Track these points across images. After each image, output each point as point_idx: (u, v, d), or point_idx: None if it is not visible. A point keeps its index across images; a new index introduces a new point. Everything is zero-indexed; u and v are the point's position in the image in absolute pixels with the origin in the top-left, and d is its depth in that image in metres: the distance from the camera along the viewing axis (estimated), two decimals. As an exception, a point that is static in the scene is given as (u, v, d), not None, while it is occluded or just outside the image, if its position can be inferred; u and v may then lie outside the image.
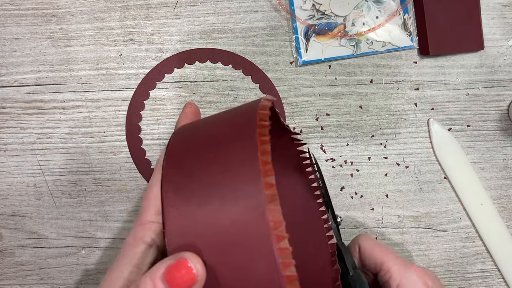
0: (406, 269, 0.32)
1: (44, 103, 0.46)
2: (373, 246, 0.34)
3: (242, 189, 0.22)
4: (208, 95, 0.46)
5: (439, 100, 0.47)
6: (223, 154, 0.24)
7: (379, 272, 0.33)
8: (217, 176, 0.23)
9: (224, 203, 0.23)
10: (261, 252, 0.21)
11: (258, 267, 0.21)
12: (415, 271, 0.32)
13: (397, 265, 0.32)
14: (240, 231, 0.22)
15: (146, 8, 0.46)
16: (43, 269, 0.46)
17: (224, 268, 0.22)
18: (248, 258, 0.22)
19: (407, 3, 0.46)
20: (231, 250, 0.22)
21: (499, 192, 0.48)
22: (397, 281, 0.32)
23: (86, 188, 0.46)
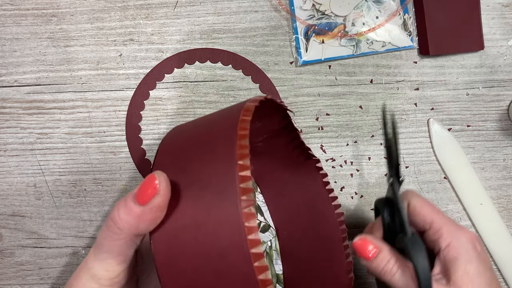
0: (456, 230, 0.32)
1: (44, 103, 0.46)
2: (423, 204, 0.34)
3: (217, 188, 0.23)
4: (208, 95, 0.46)
5: (439, 100, 0.47)
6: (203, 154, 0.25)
7: (427, 230, 0.33)
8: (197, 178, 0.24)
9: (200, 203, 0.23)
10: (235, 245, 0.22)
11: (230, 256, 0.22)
12: (465, 234, 0.32)
13: (447, 225, 0.32)
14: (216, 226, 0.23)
15: (146, 8, 0.46)
16: (43, 269, 0.46)
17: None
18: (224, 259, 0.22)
19: (407, 3, 0.46)
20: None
21: (499, 192, 0.48)
22: (447, 241, 0.31)
23: (86, 188, 0.46)
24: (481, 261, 0.31)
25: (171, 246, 0.24)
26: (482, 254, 0.32)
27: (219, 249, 0.22)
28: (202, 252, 0.23)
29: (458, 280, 0.30)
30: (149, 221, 0.24)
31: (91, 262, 0.27)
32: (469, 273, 0.30)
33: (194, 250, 0.23)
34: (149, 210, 0.24)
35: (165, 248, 0.24)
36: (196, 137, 0.27)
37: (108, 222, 0.26)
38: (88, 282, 0.27)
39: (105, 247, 0.26)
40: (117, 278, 0.27)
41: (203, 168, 0.24)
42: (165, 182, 0.24)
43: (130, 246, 0.26)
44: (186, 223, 0.24)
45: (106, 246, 0.26)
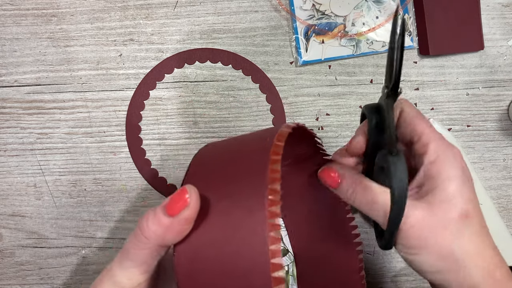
0: (445, 147, 0.30)
1: (44, 103, 0.46)
2: (417, 114, 0.31)
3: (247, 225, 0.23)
4: (208, 95, 0.46)
5: (439, 100, 0.47)
6: (232, 187, 0.25)
7: (414, 143, 0.31)
8: (227, 207, 0.24)
9: (229, 233, 0.24)
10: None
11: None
12: (452, 150, 0.30)
13: (436, 140, 0.30)
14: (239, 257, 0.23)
15: (146, 8, 0.46)
16: (43, 269, 0.46)
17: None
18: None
19: (407, 3, 0.46)
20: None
21: (499, 192, 0.48)
22: (432, 157, 0.29)
23: (86, 188, 0.46)
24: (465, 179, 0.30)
25: (193, 260, 0.24)
26: (467, 172, 0.30)
27: (241, 269, 0.23)
28: (223, 269, 0.23)
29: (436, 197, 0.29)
30: (176, 232, 0.25)
31: (115, 269, 0.27)
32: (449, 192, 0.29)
33: (216, 266, 0.23)
34: (177, 222, 0.25)
35: (187, 262, 0.25)
36: (229, 155, 0.27)
37: (136, 231, 0.26)
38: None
39: (130, 255, 0.27)
40: (139, 287, 0.27)
41: (234, 187, 0.25)
42: (196, 196, 0.25)
43: (154, 257, 0.27)
44: (211, 239, 0.24)
45: (131, 254, 0.27)
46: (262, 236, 0.22)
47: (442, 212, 0.28)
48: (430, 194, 0.29)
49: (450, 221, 0.28)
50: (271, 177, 0.23)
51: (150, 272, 0.28)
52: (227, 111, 0.46)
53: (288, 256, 0.39)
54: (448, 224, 0.28)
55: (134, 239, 0.26)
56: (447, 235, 0.28)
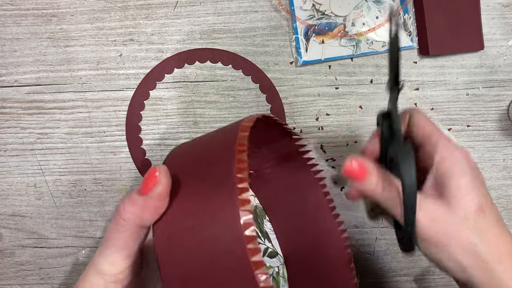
0: (452, 147, 0.31)
1: (44, 103, 0.46)
2: (425, 118, 0.33)
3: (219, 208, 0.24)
4: (208, 95, 0.46)
5: (439, 100, 0.47)
6: (204, 173, 0.26)
7: (425, 145, 0.32)
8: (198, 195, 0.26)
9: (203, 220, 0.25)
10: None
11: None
12: (460, 149, 0.31)
13: (445, 140, 0.31)
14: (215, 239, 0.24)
15: (146, 8, 0.46)
16: (43, 269, 0.46)
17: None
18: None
19: (407, 3, 0.46)
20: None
21: (499, 192, 0.48)
22: (442, 154, 0.31)
23: (86, 188, 0.46)
24: (475, 175, 0.30)
25: (171, 236, 0.25)
26: (476, 169, 0.31)
27: (214, 235, 0.23)
28: (198, 239, 0.24)
29: (450, 193, 0.29)
30: (152, 210, 0.26)
31: (97, 258, 0.28)
32: (462, 187, 0.29)
33: (193, 239, 0.24)
34: (151, 199, 0.26)
35: (165, 238, 0.25)
36: (200, 147, 0.29)
37: (114, 216, 0.27)
38: (94, 278, 0.27)
39: (111, 241, 0.27)
40: (122, 274, 0.28)
41: (203, 170, 0.26)
42: (165, 173, 0.26)
43: (135, 239, 0.27)
44: (185, 215, 0.25)
45: (112, 239, 0.27)
46: (232, 199, 0.23)
47: (460, 208, 0.29)
48: (446, 191, 0.30)
49: (468, 216, 0.29)
50: (238, 149, 0.24)
51: (132, 257, 0.28)
52: (227, 111, 0.46)
53: (278, 258, 0.39)
54: (467, 219, 0.29)
55: (114, 224, 0.27)
56: (467, 230, 0.29)
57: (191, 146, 0.30)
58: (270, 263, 0.38)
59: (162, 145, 0.46)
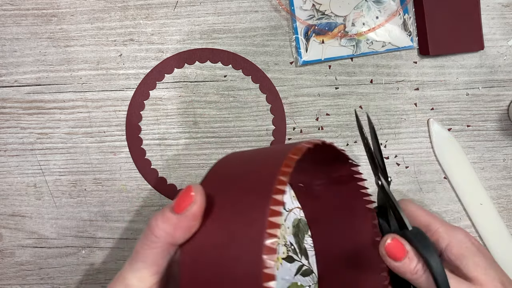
0: (452, 230, 0.33)
1: (44, 103, 0.46)
2: (417, 209, 0.35)
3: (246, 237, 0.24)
4: (208, 95, 0.46)
5: (439, 100, 0.47)
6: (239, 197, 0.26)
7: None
8: (230, 217, 0.25)
9: (230, 244, 0.25)
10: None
11: None
12: (461, 232, 0.33)
13: (444, 226, 0.33)
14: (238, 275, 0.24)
15: (146, 8, 0.46)
16: (43, 269, 0.46)
17: None
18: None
19: (407, 3, 0.46)
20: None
21: (499, 192, 0.48)
22: (446, 241, 0.33)
23: (86, 188, 0.46)
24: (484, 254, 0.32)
25: (196, 260, 0.25)
26: (481, 248, 0.33)
27: (237, 274, 0.23)
28: (222, 272, 0.24)
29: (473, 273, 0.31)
30: (184, 229, 0.26)
31: (125, 273, 0.28)
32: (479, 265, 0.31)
33: (216, 268, 0.24)
34: (184, 218, 0.26)
35: (191, 261, 0.25)
36: (244, 166, 0.29)
37: (145, 231, 0.27)
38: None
39: (140, 256, 0.27)
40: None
41: (240, 195, 0.26)
42: (201, 193, 0.26)
43: (164, 257, 0.27)
44: (214, 241, 0.25)
45: (141, 255, 0.27)
46: (259, 245, 0.23)
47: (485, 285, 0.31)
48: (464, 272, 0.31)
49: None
50: (276, 188, 0.24)
51: (160, 274, 0.28)
52: (227, 111, 0.46)
53: (312, 277, 0.39)
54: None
55: (145, 239, 0.27)
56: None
57: (234, 164, 0.30)
58: (302, 281, 0.38)
59: (162, 145, 0.46)
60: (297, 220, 0.39)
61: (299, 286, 0.37)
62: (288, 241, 0.37)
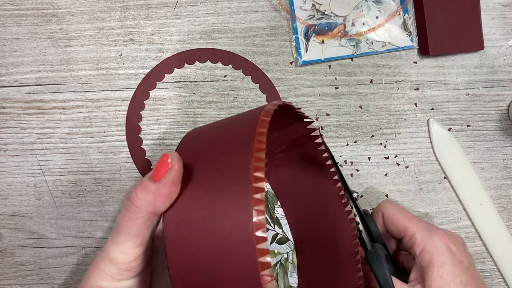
0: (430, 234, 0.32)
1: (44, 103, 0.46)
2: (396, 212, 0.34)
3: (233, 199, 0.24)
4: (208, 95, 0.46)
5: (439, 100, 0.47)
6: (220, 162, 0.26)
7: (403, 238, 0.33)
8: (213, 181, 0.25)
9: (215, 210, 0.24)
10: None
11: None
12: (439, 237, 0.32)
13: (420, 231, 0.33)
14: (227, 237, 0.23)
15: (146, 8, 0.46)
16: (43, 269, 0.46)
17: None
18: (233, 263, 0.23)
19: (407, 3, 0.46)
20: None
21: (499, 192, 0.48)
22: (420, 247, 0.32)
23: (86, 188, 0.46)
24: (456, 263, 0.31)
25: (180, 224, 0.25)
26: (458, 254, 0.32)
27: (226, 230, 0.23)
28: (208, 232, 0.24)
29: (432, 285, 0.31)
30: (164, 196, 0.26)
31: (109, 247, 0.27)
32: (442, 277, 0.31)
33: (202, 230, 0.24)
34: (164, 185, 0.26)
35: (175, 226, 0.25)
36: (217, 132, 0.28)
37: (126, 203, 0.27)
38: (106, 267, 0.27)
39: (123, 228, 0.27)
40: (135, 262, 0.27)
41: (219, 160, 0.25)
42: (177, 158, 0.26)
43: (147, 227, 0.27)
44: (197, 203, 0.25)
45: (124, 227, 0.27)
46: (246, 197, 0.22)
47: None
48: (427, 283, 0.31)
49: None
50: (256, 147, 0.24)
51: (144, 245, 0.27)
52: (227, 111, 0.46)
53: (288, 244, 0.39)
54: None
55: (126, 211, 0.27)
56: None
57: (206, 132, 0.29)
58: (279, 249, 0.38)
59: (162, 145, 0.46)
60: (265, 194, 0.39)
61: (276, 254, 0.38)
62: None
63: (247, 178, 0.23)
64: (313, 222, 0.39)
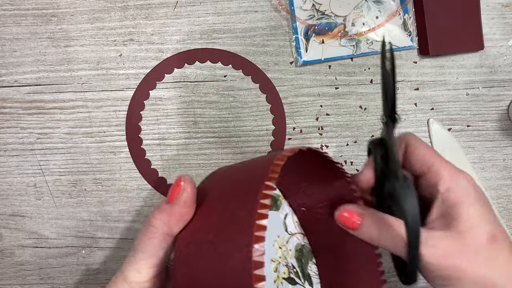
0: (457, 173, 0.30)
1: (44, 103, 0.46)
2: (423, 146, 0.31)
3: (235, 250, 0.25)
4: (208, 95, 0.46)
5: (439, 100, 0.47)
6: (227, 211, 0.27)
7: (426, 174, 0.31)
8: (220, 226, 0.26)
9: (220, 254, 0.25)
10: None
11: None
12: (466, 176, 0.30)
13: (448, 168, 0.30)
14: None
15: (146, 8, 0.46)
16: (43, 269, 0.46)
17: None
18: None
19: (407, 3, 0.46)
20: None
21: (499, 192, 0.48)
22: (447, 184, 0.29)
23: (86, 188, 0.46)
24: (483, 203, 0.29)
25: (189, 245, 0.27)
26: (483, 195, 0.30)
27: (226, 253, 0.24)
28: (212, 254, 0.25)
29: (460, 225, 0.28)
30: (177, 216, 0.28)
31: (125, 265, 0.29)
32: (471, 217, 0.28)
33: (208, 252, 0.25)
34: (176, 206, 0.28)
35: (184, 246, 0.27)
36: (236, 172, 0.31)
37: (145, 224, 0.29)
38: (121, 285, 0.29)
39: (140, 247, 0.29)
40: (147, 283, 0.29)
41: (231, 193, 0.28)
42: (189, 182, 0.28)
43: (162, 248, 0.29)
44: (207, 227, 0.27)
45: (140, 246, 0.29)
46: (248, 234, 0.24)
47: (470, 239, 0.28)
48: (455, 223, 0.29)
49: (480, 247, 0.28)
50: (262, 193, 0.25)
51: (158, 267, 0.29)
52: (227, 111, 0.46)
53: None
54: (479, 250, 0.28)
55: (144, 231, 0.29)
56: (480, 262, 0.28)
57: (228, 169, 0.32)
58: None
59: (162, 145, 0.46)
60: (300, 245, 0.38)
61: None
62: (290, 263, 0.36)
63: (250, 216, 0.24)
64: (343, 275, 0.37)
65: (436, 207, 0.30)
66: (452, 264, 0.28)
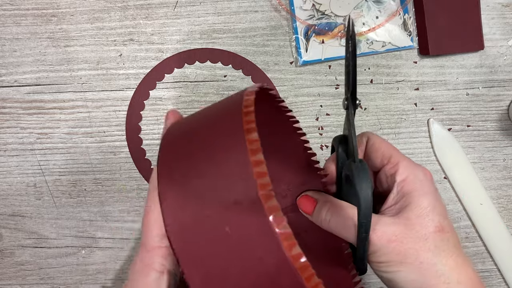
0: (415, 166, 0.31)
1: (44, 103, 0.46)
2: (382, 140, 0.33)
3: (234, 179, 0.23)
4: (208, 95, 0.46)
5: (439, 100, 0.47)
6: (213, 151, 0.25)
7: (385, 165, 0.32)
8: (209, 171, 0.24)
9: (216, 195, 0.24)
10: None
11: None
12: (423, 170, 0.31)
13: (405, 160, 0.31)
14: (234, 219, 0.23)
15: (146, 8, 0.46)
16: (43, 269, 0.46)
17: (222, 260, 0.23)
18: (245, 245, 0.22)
19: (407, 3, 0.46)
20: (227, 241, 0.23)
21: (499, 192, 0.48)
22: (404, 175, 0.30)
23: (86, 188, 0.46)
24: (436, 197, 0.30)
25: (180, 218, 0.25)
26: (437, 191, 0.31)
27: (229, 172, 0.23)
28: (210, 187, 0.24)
29: (411, 213, 0.29)
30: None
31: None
32: (422, 207, 0.29)
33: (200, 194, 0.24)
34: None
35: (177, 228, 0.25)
36: (200, 122, 0.28)
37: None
38: None
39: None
40: None
41: (211, 141, 0.25)
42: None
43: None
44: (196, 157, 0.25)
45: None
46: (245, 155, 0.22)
47: (419, 227, 0.29)
48: (406, 210, 0.29)
49: (428, 235, 0.28)
50: (247, 128, 0.23)
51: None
52: (227, 111, 0.46)
53: None
54: (426, 238, 0.28)
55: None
56: (426, 249, 0.28)
57: (186, 125, 0.29)
58: None
59: (162, 145, 0.46)
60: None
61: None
62: None
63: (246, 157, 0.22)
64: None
65: (391, 196, 0.31)
66: (398, 249, 0.28)
